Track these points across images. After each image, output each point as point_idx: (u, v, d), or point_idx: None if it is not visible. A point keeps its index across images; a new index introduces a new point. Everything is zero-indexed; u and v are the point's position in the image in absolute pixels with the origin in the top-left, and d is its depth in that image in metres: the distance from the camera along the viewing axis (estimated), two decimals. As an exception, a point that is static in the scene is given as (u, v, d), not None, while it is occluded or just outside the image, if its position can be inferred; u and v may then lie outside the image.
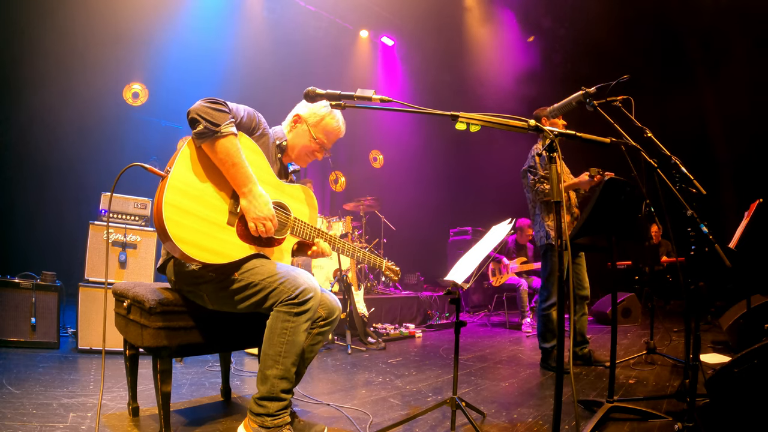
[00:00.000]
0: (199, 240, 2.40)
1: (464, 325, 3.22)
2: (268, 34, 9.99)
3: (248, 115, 2.73)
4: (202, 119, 2.38)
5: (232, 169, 2.48)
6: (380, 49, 12.47)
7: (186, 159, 2.44)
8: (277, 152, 3.02)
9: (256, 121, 2.80)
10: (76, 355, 4.53)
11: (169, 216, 2.31)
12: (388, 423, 3.09)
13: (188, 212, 2.38)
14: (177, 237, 2.32)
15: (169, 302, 2.62)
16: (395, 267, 3.44)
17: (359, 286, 6.78)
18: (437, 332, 7.50)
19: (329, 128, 3.06)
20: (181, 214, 2.35)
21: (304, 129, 3.03)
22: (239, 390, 3.83)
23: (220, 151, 2.44)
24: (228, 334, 2.90)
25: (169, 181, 2.33)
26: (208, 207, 2.47)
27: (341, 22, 11.24)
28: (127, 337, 2.88)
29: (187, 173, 2.42)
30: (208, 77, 9.07)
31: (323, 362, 5.01)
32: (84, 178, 7.61)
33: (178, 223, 2.33)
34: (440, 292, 8.81)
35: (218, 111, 2.43)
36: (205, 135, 2.40)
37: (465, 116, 2.13)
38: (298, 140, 3.05)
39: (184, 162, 2.43)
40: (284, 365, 2.52)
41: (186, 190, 2.40)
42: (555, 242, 4.70)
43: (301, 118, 3.04)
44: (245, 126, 2.70)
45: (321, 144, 3.06)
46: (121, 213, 4.86)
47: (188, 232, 2.37)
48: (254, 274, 2.59)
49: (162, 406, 2.56)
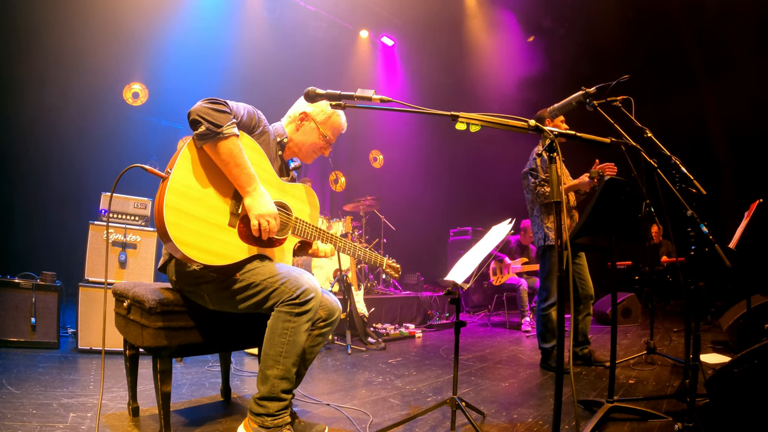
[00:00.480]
0: (200, 242, 2.40)
1: (464, 325, 3.22)
2: (268, 34, 9.99)
3: (248, 114, 2.72)
4: (204, 120, 2.37)
5: (235, 170, 2.47)
6: (380, 49, 12.47)
7: (186, 160, 2.43)
8: (277, 149, 3.01)
9: (256, 119, 2.79)
10: (76, 355, 4.53)
11: (171, 219, 2.30)
12: (388, 423, 3.09)
13: (189, 214, 2.38)
14: (178, 239, 2.32)
15: (169, 302, 2.61)
16: (396, 264, 3.45)
17: (359, 286, 6.79)
18: (437, 332, 7.50)
19: (336, 125, 3.09)
20: (183, 216, 2.35)
21: (312, 126, 3.03)
22: (239, 390, 3.83)
23: (222, 152, 2.43)
24: (228, 334, 2.90)
25: (170, 184, 2.33)
26: (209, 209, 2.47)
27: (341, 22, 11.24)
28: (127, 337, 2.88)
29: (187, 175, 2.42)
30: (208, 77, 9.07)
31: (323, 362, 5.01)
32: (84, 178, 7.60)
33: (179, 225, 2.33)
34: (440, 292, 8.83)
35: (220, 112, 2.42)
36: (207, 136, 2.39)
37: (465, 116, 2.14)
38: (306, 138, 3.05)
39: (184, 163, 2.42)
40: (285, 365, 2.52)
41: (187, 192, 2.39)
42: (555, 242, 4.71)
43: (308, 116, 3.03)
44: (245, 125, 2.70)
45: (328, 141, 3.08)
46: (121, 213, 4.86)
47: (190, 235, 2.37)
48: (255, 275, 2.58)
49: (162, 406, 2.57)
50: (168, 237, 2.30)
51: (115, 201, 4.83)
